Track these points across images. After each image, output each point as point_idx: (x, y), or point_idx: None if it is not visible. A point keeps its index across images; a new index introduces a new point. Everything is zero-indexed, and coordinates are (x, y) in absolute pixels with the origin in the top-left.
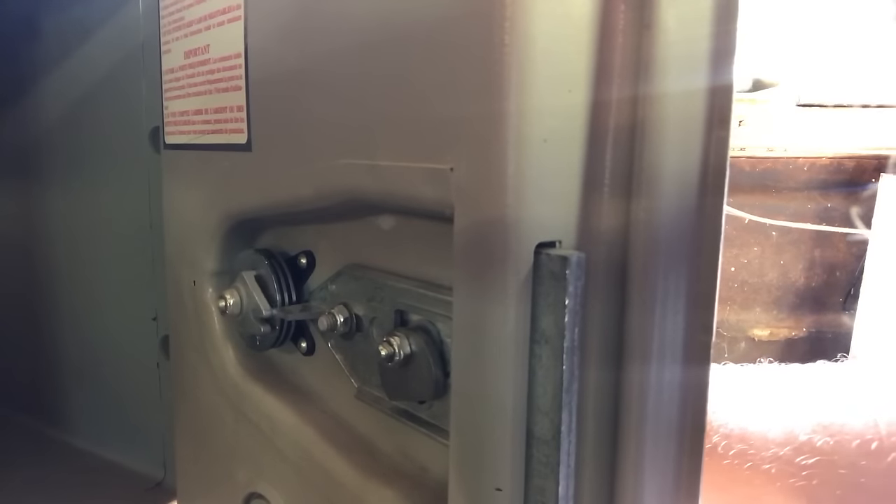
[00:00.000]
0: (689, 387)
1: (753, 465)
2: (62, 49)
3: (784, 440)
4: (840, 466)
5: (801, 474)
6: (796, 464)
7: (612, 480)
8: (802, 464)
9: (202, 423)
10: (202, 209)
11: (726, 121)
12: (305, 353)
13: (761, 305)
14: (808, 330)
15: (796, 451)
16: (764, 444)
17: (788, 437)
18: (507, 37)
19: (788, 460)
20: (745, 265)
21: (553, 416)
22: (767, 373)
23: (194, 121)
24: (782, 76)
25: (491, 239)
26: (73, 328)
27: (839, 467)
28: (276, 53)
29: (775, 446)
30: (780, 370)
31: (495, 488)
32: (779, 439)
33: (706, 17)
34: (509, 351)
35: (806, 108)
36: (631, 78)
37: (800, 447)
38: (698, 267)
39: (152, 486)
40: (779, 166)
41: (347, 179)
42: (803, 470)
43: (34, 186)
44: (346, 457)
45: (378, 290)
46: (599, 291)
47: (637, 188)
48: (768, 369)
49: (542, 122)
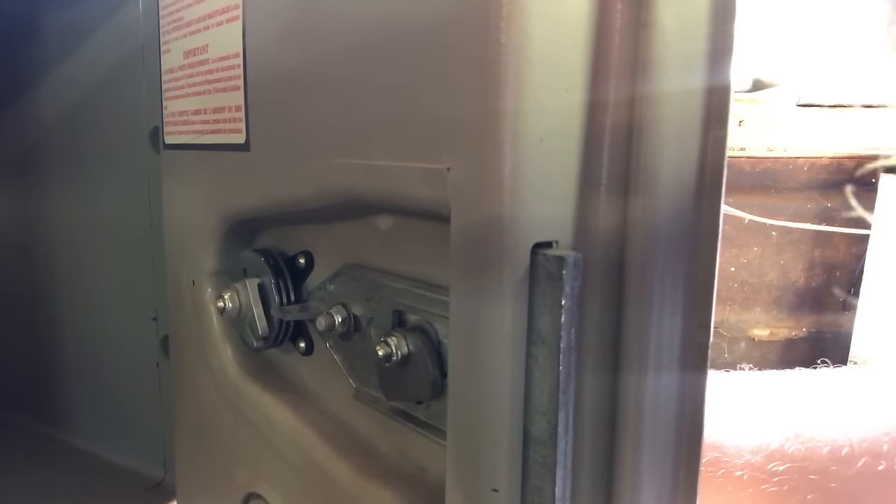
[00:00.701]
0: (687, 387)
1: (726, 472)
2: (62, 49)
3: (756, 448)
4: (811, 472)
5: (772, 480)
6: (768, 470)
7: (609, 481)
8: (774, 470)
9: (201, 422)
10: (201, 209)
11: (724, 121)
12: (304, 354)
13: (761, 305)
14: (808, 330)
15: (768, 458)
16: (737, 452)
17: (760, 445)
18: (504, 36)
19: (760, 467)
20: (745, 265)
21: (550, 417)
22: (744, 380)
23: (193, 121)
24: (782, 76)
25: (487, 239)
26: (73, 328)
27: (810, 473)
28: (275, 53)
29: (748, 454)
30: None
31: (492, 489)
32: (751, 447)
33: (704, 16)
34: (506, 351)
35: (806, 108)
36: (628, 78)
37: (771, 454)
38: (696, 267)
39: (152, 486)
40: (779, 166)
41: (345, 179)
42: (774, 476)
43: (34, 186)
44: (344, 457)
45: (376, 290)
46: (596, 292)
47: (634, 188)
48: (745, 377)
49: (539, 121)
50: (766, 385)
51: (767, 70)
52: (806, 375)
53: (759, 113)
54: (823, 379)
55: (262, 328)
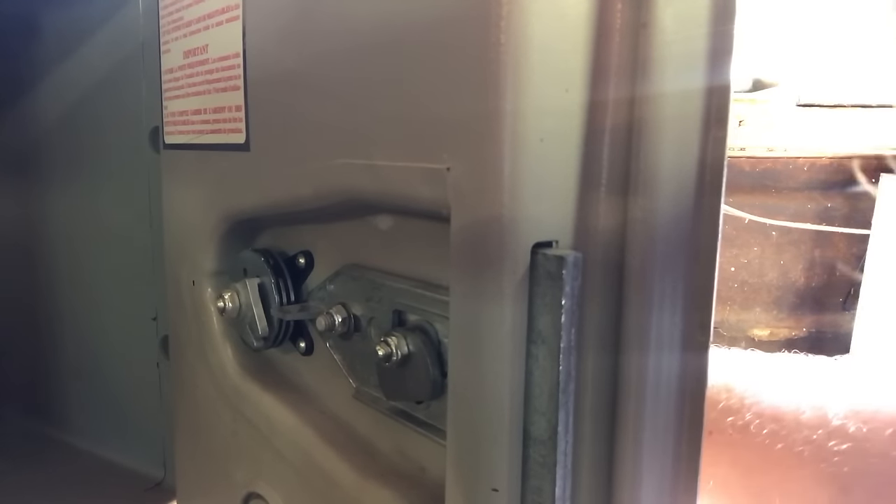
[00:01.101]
0: (687, 387)
1: (785, 446)
2: (62, 49)
3: (816, 423)
4: (872, 455)
5: (832, 460)
6: (828, 448)
7: (609, 481)
8: (835, 449)
9: (201, 422)
10: (201, 209)
11: (724, 120)
12: (304, 353)
13: (761, 305)
14: (808, 330)
15: (829, 435)
16: (796, 427)
17: (821, 420)
18: (504, 36)
19: (820, 444)
20: (745, 265)
21: (550, 417)
22: (795, 361)
23: (193, 121)
24: (782, 76)
25: (487, 239)
26: (74, 328)
27: (871, 456)
28: (274, 53)
29: (807, 429)
30: (808, 359)
31: (492, 488)
32: (811, 422)
33: (704, 16)
34: (506, 351)
35: (806, 108)
36: (628, 77)
37: (832, 432)
38: (696, 267)
39: (152, 486)
40: (779, 166)
41: (345, 179)
42: (835, 456)
43: (34, 187)
44: (344, 457)
45: (376, 290)
46: (596, 291)
47: (634, 188)
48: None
49: (539, 121)
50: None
51: (767, 70)
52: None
53: (759, 113)
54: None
55: (262, 328)
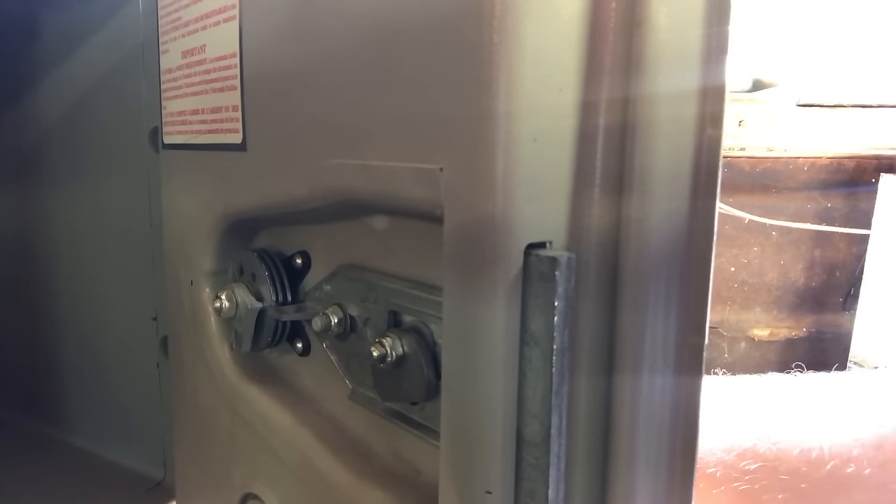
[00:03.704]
0: (682, 389)
1: (699, 468)
2: (62, 49)
3: (729, 447)
4: (782, 472)
5: (744, 479)
6: (740, 468)
7: (603, 483)
8: (746, 469)
9: (200, 423)
10: (199, 209)
11: (719, 120)
12: (301, 354)
13: (761, 305)
14: (808, 330)
15: (740, 456)
16: (710, 450)
17: (733, 444)
18: (497, 36)
19: (732, 465)
20: (745, 265)
21: (543, 419)
22: (716, 384)
23: (191, 121)
24: (782, 76)
25: (480, 239)
26: (74, 328)
27: (781, 473)
28: (270, 53)
29: (721, 452)
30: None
31: (485, 491)
32: (724, 445)
33: (698, 15)
34: (499, 353)
35: (806, 108)
36: (622, 77)
37: (743, 453)
38: (691, 268)
39: (152, 486)
40: (779, 166)
41: (340, 179)
42: (746, 475)
43: (34, 186)
44: (339, 459)
45: (371, 290)
46: (590, 292)
47: (628, 188)
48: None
49: (532, 121)
50: (738, 389)
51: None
52: (778, 380)
53: (759, 113)
54: (795, 384)
55: (248, 337)
